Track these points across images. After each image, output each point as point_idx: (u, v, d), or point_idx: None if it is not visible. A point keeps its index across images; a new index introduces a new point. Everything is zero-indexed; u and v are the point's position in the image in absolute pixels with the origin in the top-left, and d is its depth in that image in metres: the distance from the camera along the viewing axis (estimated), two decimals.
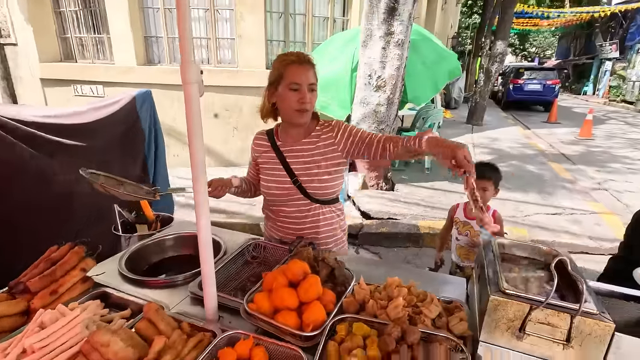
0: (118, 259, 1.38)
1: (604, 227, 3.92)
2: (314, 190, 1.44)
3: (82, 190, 1.99)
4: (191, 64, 0.85)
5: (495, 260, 0.97)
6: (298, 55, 1.36)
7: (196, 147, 0.92)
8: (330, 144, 1.44)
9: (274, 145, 1.49)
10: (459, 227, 2.16)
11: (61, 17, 5.87)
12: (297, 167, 1.44)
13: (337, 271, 1.13)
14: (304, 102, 1.34)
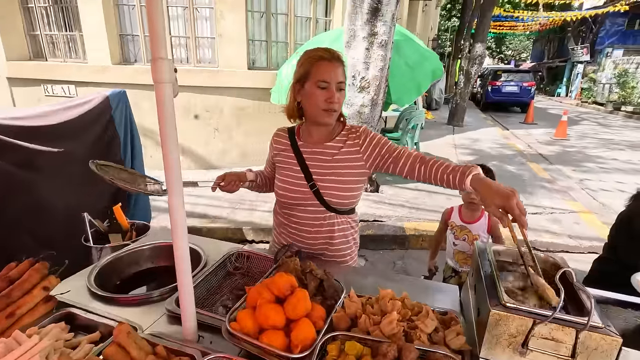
0: (87, 274, 1.27)
1: (582, 226, 4.01)
2: (330, 197, 1.33)
3: (48, 197, 1.85)
4: (163, 61, 0.76)
5: (493, 269, 0.93)
6: (328, 51, 1.26)
7: (170, 151, 0.83)
8: (355, 151, 1.33)
9: (293, 145, 1.39)
10: (455, 232, 2.10)
11: (29, 13, 5.57)
12: (316, 171, 1.34)
13: (326, 283, 1.06)
14: (332, 101, 1.24)
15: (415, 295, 1.21)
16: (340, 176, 1.33)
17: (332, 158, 1.34)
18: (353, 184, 1.35)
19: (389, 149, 1.31)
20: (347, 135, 1.36)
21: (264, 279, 1.06)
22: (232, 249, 1.42)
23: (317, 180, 1.33)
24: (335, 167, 1.33)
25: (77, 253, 1.67)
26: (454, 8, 25.95)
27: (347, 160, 1.34)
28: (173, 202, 0.86)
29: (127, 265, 1.43)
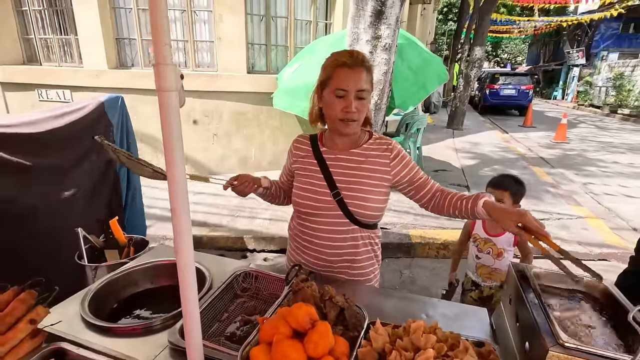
0: (80, 299, 1.15)
1: (591, 232, 3.93)
2: (355, 207, 1.23)
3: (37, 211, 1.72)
4: (167, 67, 0.66)
5: (540, 299, 0.82)
6: (351, 55, 1.17)
7: (177, 164, 0.72)
8: (384, 164, 1.25)
9: (316, 151, 1.30)
10: (479, 244, 1.99)
11: (24, 17, 5.45)
12: (340, 179, 1.25)
13: (347, 312, 0.95)
14: (349, 111, 1.15)
15: (440, 320, 1.11)
16: (367, 186, 1.24)
17: (358, 166, 1.25)
18: (379, 196, 1.26)
19: (417, 173, 1.28)
20: (376, 145, 1.28)
21: (279, 308, 0.95)
22: (239, 269, 1.31)
23: (341, 189, 1.23)
24: (361, 175, 1.24)
25: (70, 272, 1.55)
26: (450, 12, 26.10)
27: (375, 171, 1.25)
28: (180, 226, 0.75)
29: (124, 286, 1.31)
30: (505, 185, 1.91)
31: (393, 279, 3.19)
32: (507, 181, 1.95)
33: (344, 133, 1.23)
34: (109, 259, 1.59)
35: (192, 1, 4.99)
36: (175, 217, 0.75)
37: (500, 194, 1.88)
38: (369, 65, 1.19)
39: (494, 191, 1.90)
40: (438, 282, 3.16)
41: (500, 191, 1.89)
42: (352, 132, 1.23)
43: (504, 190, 1.89)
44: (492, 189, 1.92)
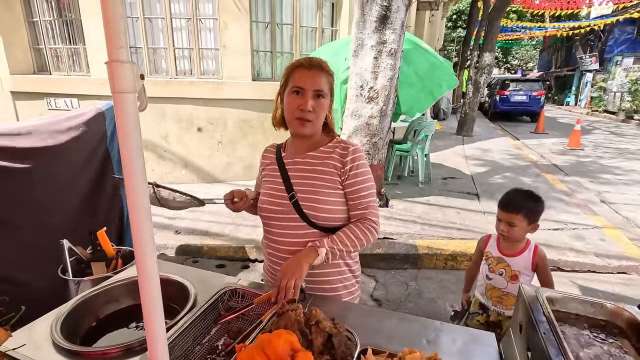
0: (54, 318, 1.07)
1: (608, 243, 3.74)
2: (309, 210, 1.21)
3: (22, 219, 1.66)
4: (123, 65, 0.58)
5: (554, 329, 0.71)
6: (308, 59, 1.21)
7: (136, 174, 0.63)
8: (338, 167, 1.23)
9: (278, 157, 1.32)
10: (491, 264, 1.79)
11: (34, 27, 5.56)
12: (297, 182, 1.24)
13: (336, 339, 0.85)
14: (304, 109, 1.16)
15: (443, 346, 1.00)
16: (320, 187, 1.22)
17: (313, 168, 1.25)
18: (334, 197, 1.22)
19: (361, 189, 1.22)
20: (333, 148, 1.25)
21: (260, 334, 0.85)
22: (225, 286, 1.22)
23: (297, 192, 1.23)
24: (315, 177, 1.23)
25: (54, 286, 1.48)
26: (459, 19, 26.00)
27: (329, 173, 1.23)
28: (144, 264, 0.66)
29: (104, 303, 1.24)
30: (517, 208, 1.68)
31: (399, 292, 3.06)
32: (518, 201, 1.70)
33: (300, 133, 1.23)
34: (95, 272, 1.52)
35: (197, 9, 5.01)
36: (135, 232, 0.66)
37: (510, 217, 1.67)
38: (328, 70, 1.22)
39: (503, 214, 1.70)
40: (446, 294, 3.02)
41: (511, 214, 1.67)
42: (307, 133, 1.23)
43: (515, 214, 1.67)
44: (500, 211, 1.72)
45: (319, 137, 1.29)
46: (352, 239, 1.19)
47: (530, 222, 1.68)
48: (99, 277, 1.43)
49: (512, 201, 1.71)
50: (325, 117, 1.25)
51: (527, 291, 0.86)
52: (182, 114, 5.24)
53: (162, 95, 5.03)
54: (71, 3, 5.24)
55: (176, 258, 3.49)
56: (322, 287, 1.27)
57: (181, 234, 3.75)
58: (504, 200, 1.73)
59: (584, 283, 3.17)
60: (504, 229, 1.69)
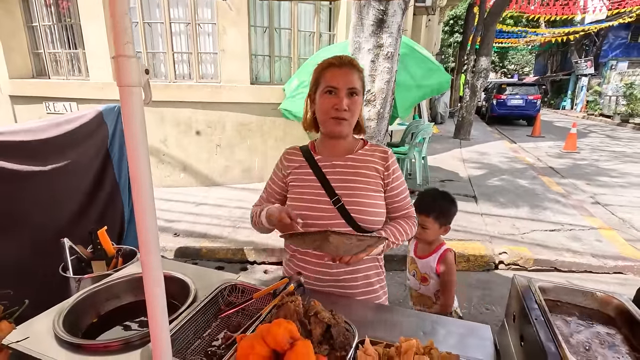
0: (55, 313, 1.09)
1: (605, 244, 3.77)
2: (357, 214, 1.17)
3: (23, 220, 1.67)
4: (130, 59, 0.61)
5: (545, 316, 0.73)
6: (338, 57, 1.18)
7: (141, 169, 0.66)
8: (380, 170, 1.22)
9: (309, 159, 1.25)
10: (408, 264, 1.78)
11: (34, 32, 5.59)
12: (339, 186, 1.19)
13: (334, 330, 0.87)
14: (339, 108, 1.13)
15: (439, 338, 1.02)
16: (366, 191, 1.19)
17: (355, 171, 1.21)
18: (379, 201, 1.21)
19: (402, 191, 1.26)
20: (372, 152, 1.24)
21: (260, 325, 0.87)
22: (225, 281, 1.24)
23: (341, 195, 1.18)
24: (360, 180, 1.20)
25: (55, 285, 1.50)
26: (456, 24, 26.25)
27: (372, 177, 1.21)
28: (147, 260, 0.68)
29: (105, 300, 1.25)
30: (427, 209, 1.65)
31: (397, 293, 3.08)
32: (429, 202, 1.67)
33: (335, 132, 1.19)
34: (95, 271, 1.53)
35: (196, 14, 5.06)
36: (141, 232, 0.68)
37: (421, 220, 1.63)
38: (358, 67, 1.18)
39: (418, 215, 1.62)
40: None
41: (422, 216, 1.63)
42: (344, 132, 1.19)
43: (426, 215, 1.64)
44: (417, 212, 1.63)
45: (351, 139, 1.27)
46: (402, 233, 1.22)
47: (441, 224, 1.66)
48: (99, 274, 1.44)
49: (423, 203, 1.67)
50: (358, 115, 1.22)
51: (520, 281, 0.89)
52: (180, 118, 5.27)
53: (161, 99, 5.06)
54: (71, 8, 5.29)
55: (175, 260, 3.50)
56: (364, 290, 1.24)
57: (180, 236, 3.76)
58: (416, 202, 1.66)
59: (581, 283, 3.19)
60: (418, 230, 1.64)
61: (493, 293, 3.06)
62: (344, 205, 1.16)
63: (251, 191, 5.19)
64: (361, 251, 1.05)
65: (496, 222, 4.26)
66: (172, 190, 5.23)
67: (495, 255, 3.48)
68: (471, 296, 3.00)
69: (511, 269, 3.47)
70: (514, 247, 3.58)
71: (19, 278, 1.40)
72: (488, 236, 3.84)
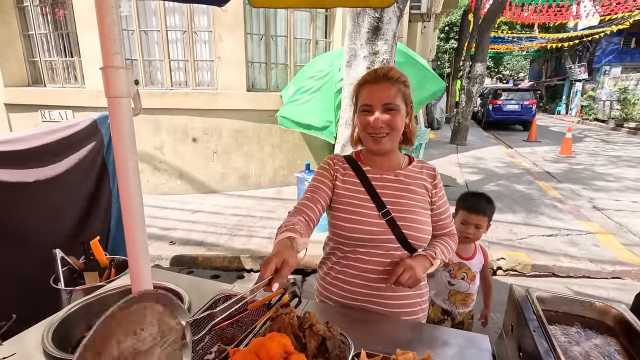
0: (45, 327, 1.06)
1: (602, 248, 3.77)
2: (409, 230, 1.13)
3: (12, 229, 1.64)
4: (118, 71, 0.60)
5: (543, 327, 0.72)
6: (373, 72, 1.16)
7: (130, 180, 0.65)
8: (428, 188, 1.22)
9: (357, 170, 1.21)
10: (452, 270, 1.80)
11: (30, 40, 5.59)
12: (389, 201, 1.16)
13: (330, 343, 0.85)
14: (373, 125, 1.12)
15: (437, 349, 1.00)
16: (418, 207, 1.18)
17: (406, 187, 1.20)
18: (427, 218, 1.20)
19: (446, 210, 1.26)
20: (421, 169, 1.25)
21: (253, 338, 0.85)
22: (220, 292, 1.22)
23: (392, 211, 1.14)
24: (410, 197, 1.18)
25: (45, 297, 1.47)
26: (451, 30, 26.53)
27: (422, 194, 1.20)
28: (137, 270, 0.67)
29: (97, 312, 1.22)
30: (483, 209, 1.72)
31: None
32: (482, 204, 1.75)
33: (374, 150, 1.18)
34: (87, 282, 1.50)
35: (192, 22, 5.08)
36: (129, 238, 0.67)
37: (479, 220, 1.71)
38: (397, 78, 1.14)
39: (471, 217, 1.72)
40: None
41: (479, 217, 1.72)
42: (383, 149, 1.17)
43: (483, 216, 1.72)
44: (468, 214, 1.73)
45: (399, 155, 1.25)
46: (449, 250, 1.21)
47: (489, 223, 1.77)
48: (91, 286, 1.41)
49: (479, 204, 1.75)
50: (405, 127, 1.18)
51: (517, 291, 0.87)
52: (177, 125, 5.26)
53: (157, 106, 5.06)
54: (67, 16, 5.29)
55: (171, 269, 3.46)
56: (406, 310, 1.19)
57: (176, 244, 3.72)
58: (472, 204, 1.76)
59: (579, 288, 3.18)
60: (472, 231, 1.73)
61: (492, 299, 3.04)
62: (393, 219, 1.13)
63: (248, 198, 5.17)
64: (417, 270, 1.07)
65: (494, 228, 4.25)
66: (168, 197, 5.20)
67: (494, 261, 3.46)
68: None
69: (509, 275, 3.46)
70: (511, 253, 3.57)
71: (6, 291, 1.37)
72: (486, 242, 3.83)
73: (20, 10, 5.44)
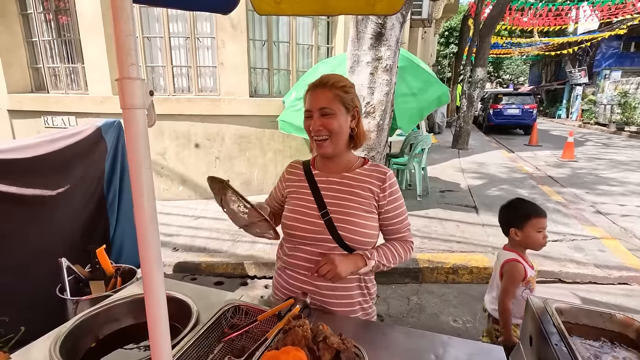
0: (52, 339, 1.05)
1: (608, 254, 3.74)
2: (344, 232, 1.17)
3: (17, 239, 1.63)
4: (134, 82, 0.59)
5: (565, 340, 0.70)
6: (316, 80, 1.22)
7: (144, 193, 0.63)
8: (375, 192, 1.22)
9: (308, 173, 1.29)
10: (531, 285, 1.72)
11: (33, 47, 5.62)
12: (331, 202, 1.21)
13: (344, 355, 0.84)
14: (313, 129, 1.18)
15: None
16: (357, 210, 1.20)
17: (349, 190, 1.22)
18: (370, 222, 1.20)
19: (400, 215, 1.24)
20: (370, 172, 1.24)
21: (266, 351, 0.84)
22: (228, 302, 1.20)
23: (331, 212, 1.19)
24: (352, 199, 1.21)
25: (51, 306, 1.45)
26: (451, 35, 26.67)
27: (366, 197, 1.21)
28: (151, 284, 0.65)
29: (103, 323, 1.21)
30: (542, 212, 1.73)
31: (400, 307, 3.03)
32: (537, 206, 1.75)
33: (321, 153, 1.23)
34: (93, 291, 1.49)
35: (195, 28, 5.10)
36: (143, 249, 0.65)
37: (544, 223, 1.71)
38: (334, 83, 1.18)
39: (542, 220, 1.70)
40: (447, 309, 2.98)
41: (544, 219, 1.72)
42: (328, 152, 1.21)
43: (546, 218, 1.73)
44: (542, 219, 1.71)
45: (350, 157, 1.28)
46: (395, 256, 1.22)
47: None
48: (97, 296, 1.40)
49: (534, 207, 1.73)
50: (349, 131, 1.21)
51: (535, 302, 0.86)
52: (179, 131, 5.26)
53: (160, 112, 5.05)
54: (70, 23, 5.32)
55: (174, 276, 3.44)
56: (342, 302, 1.23)
57: (179, 250, 3.70)
58: (540, 208, 1.73)
59: (586, 295, 3.15)
60: (546, 235, 1.70)
61: None
62: (331, 220, 1.18)
63: None
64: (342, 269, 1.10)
65: (498, 233, 4.21)
66: (171, 203, 5.19)
67: None
68: (476, 309, 2.95)
69: None
70: None
71: (13, 303, 1.36)
72: (490, 247, 3.81)
73: (24, 17, 5.47)
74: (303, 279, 1.24)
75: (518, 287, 1.70)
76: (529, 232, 1.68)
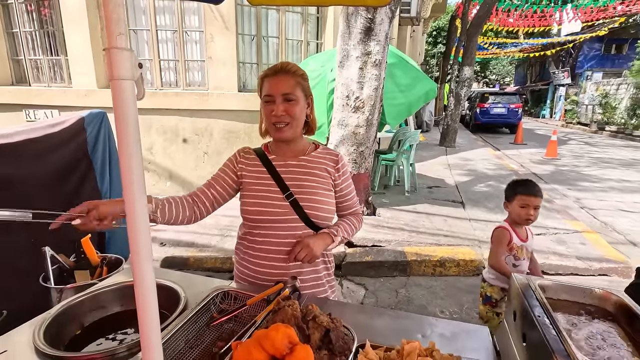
0: (36, 325, 1.02)
1: (589, 247, 3.85)
2: (311, 210, 1.24)
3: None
4: (123, 52, 0.58)
5: (547, 312, 0.73)
6: (273, 67, 1.25)
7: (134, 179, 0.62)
8: (330, 172, 1.32)
9: (264, 159, 1.31)
10: (516, 253, 1.87)
11: (14, 39, 5.45)
12: (293, 184, 1.26)
13: (333, 333, 0.84)
14: (276, 114, 1.20)
15: (438, 340, 1.00)
16: (319, 189, 1.28)
17: (309, 171, 1.29)
18: (329, 198, 1.30)
19: (349, 192, 1.37)
20: (324, 155, 1.33)
21: (256, 330, 0.84)
22: (217, 288, 1.20)
23: (294, 193, 1.25)
24: (313, 180, 1.28)
25: (34, 296, 1.42)
26: (439, 35, 26.96)
27: (324, 177, 1.30)
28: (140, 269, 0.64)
29: (89, 310, 1.19)
30: (539, 191, 1.82)
31: (389, 299, 3.06)
32: (537, 186, 1.84)
33: (279, 138, 1.26)
34: (78, 280, 1.46)
35: (183, 22, 5.03)
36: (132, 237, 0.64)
37: (537, 201, 1.81)
38: (295, 71, 1.23)
39: (533, 199, 1.80)
40: (435, 300, 3.03)
41: (538, 198, 1.81)
42: (287, 137, 1.25)
43: (540, 197, 1.81)
44: (530, 197, 1.80)
45: (304, 143, 1.34)
46: (352, 228, 1.35)
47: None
48: (82, 284, 1.37)
49: (535, 187, 1.84)
50: (306, 117, 1.28)
51: (519, 279, 0.88)
52: (167, 125, 5.19)
53: (148, 106, 4.98)
54: (53, 14, 5.18)
55: (162, 271, 3.40)
56: (312, 284, 1.30)
57: (166, 245, 3.66)
58: (531, 187, 1.84)
59: None
60: (533, 213, 1.81)
61: None
62: (296, 201, 1.23)
63: (239, 199, 5.13)
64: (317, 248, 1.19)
65: (484, 227, 4.31)
66: None
67: (485, 259, 3.50)
68: (462, 301, 3.01)
69: None
70: None
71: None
72: (477, 241, 3.88)
73: (4, 7, 5.30)
74: (272, 264, 1.26)
75: (503, 251, 1.89)
76: (514, 206, 1.85)
